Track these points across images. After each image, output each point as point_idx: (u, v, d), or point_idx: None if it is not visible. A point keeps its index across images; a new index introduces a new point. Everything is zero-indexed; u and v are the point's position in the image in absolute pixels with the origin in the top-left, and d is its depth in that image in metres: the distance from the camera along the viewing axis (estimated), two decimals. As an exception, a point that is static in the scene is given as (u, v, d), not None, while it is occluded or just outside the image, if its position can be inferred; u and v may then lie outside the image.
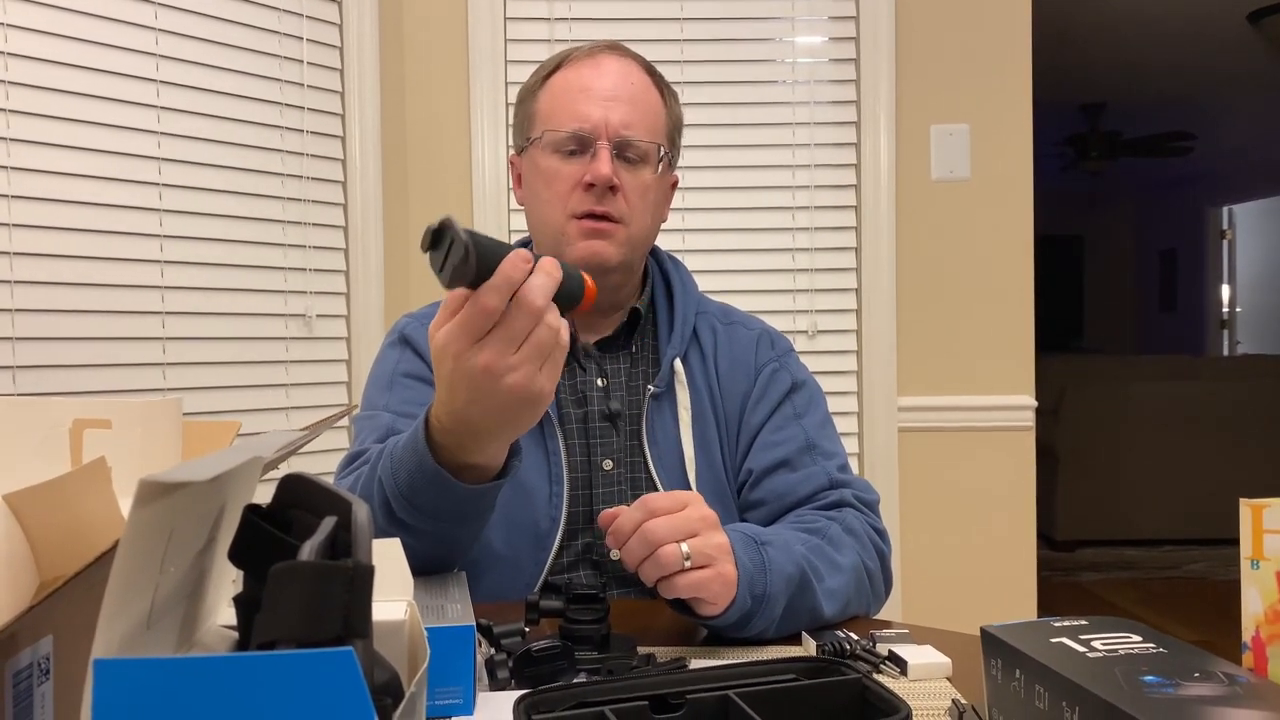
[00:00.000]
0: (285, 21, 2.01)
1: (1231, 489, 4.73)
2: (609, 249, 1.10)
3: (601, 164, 1.07)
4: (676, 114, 1.18)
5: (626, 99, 1.10)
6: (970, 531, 2.31)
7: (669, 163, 1.16)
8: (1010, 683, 0.64)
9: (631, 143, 1.10)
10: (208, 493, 0.42)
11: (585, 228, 1.09)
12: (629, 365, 1.16)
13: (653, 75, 1.16)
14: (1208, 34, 4.87)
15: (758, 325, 1.24)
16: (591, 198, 1.08)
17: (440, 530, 0.92)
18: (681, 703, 0.62)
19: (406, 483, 0.90)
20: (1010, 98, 2.30)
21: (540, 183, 1.12)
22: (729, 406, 1.17)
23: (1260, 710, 0.53)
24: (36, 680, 0.48)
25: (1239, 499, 0.64)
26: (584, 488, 1.11)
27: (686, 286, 1.21)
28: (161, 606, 0.42)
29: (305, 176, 2.05)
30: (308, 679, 0.34)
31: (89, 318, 1.71)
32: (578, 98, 1.10)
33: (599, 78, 1.11)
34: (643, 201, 1.12)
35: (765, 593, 0.88)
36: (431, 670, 0.72)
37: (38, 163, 1.64)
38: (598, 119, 1.09)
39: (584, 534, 1.10)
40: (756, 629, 0.89)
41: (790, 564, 0.91)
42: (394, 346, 1.18)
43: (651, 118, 1.13)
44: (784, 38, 2.30)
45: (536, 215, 1.15)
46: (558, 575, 1.09)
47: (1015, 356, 2.32)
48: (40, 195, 1.64)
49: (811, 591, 0.93)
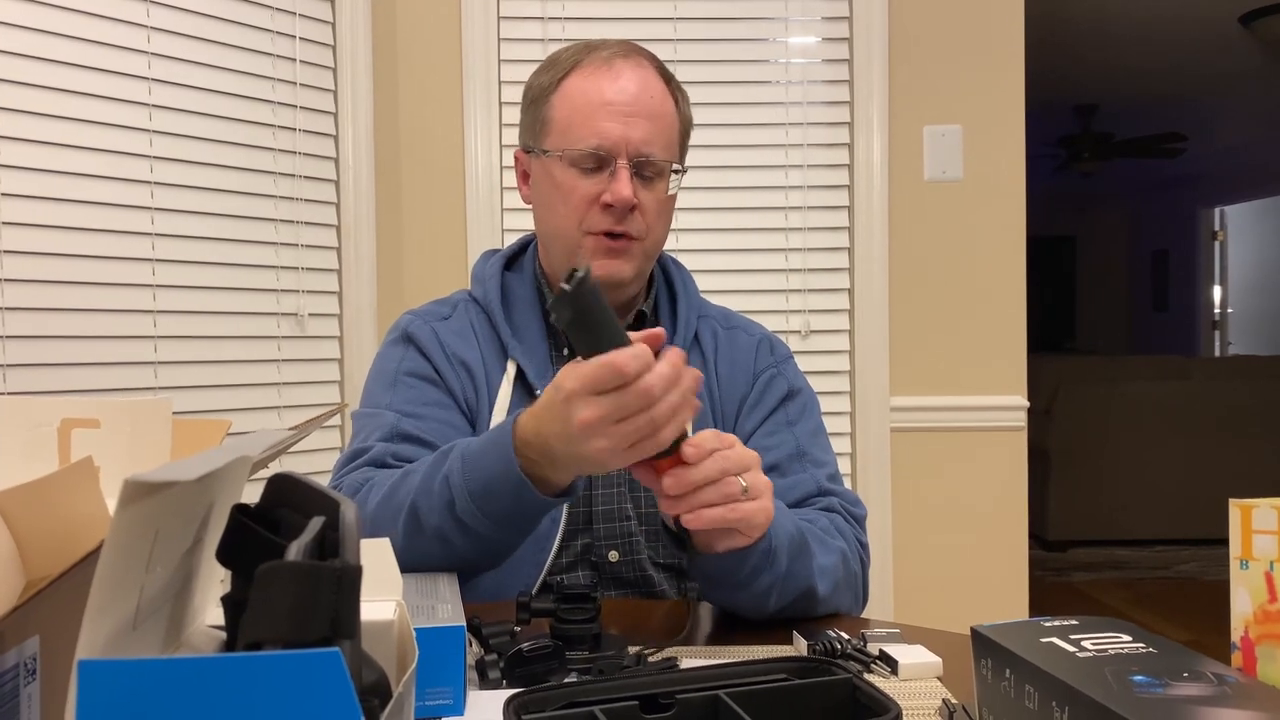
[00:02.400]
0: (278, 20, 2.01)
1: (1223, 489, 4.73)
2: (625, 267, 1.10)
3: (622, 185, 1.07)
4: (687, 115, 1.18)
5: (646, 114, 1.09)
6: (962, 531, 2.31)
7: (681, 175, 1.16)
8: (1000, 682, 0.64)
9: (651, 160, 1.09)
10: (194, 492, 0.42)
11: (603, 246, 1.09)
12: None
13: (666, 79, 1.15)
14: (1200, 36, 4.89)
15: (758, 330, 1.25)
16: (610, 218, 1.08)
17: (496, 536, 0.93)
18: (672, 702, 0.62)
19: (482, 485, 0.90)
20: (1003, 99, 2.31)
21: (556, 196, 1.11)
22: (727, 410, 1.18)
23: (1249, 710, 0.53)
24: (23, 681, 0.48)
25: (1229, 500, 0.65)
26: (583, 488, 1.11)
27: (689, 290, 1.22)
28: (148, 607, 0.41)
29: (298, 175, 2.04)
30: (294, 680, 0.34)
31: (80, 316, 1.70)
32: (597, 112, 1.08)
33: (618, 90, 1.09)
34: (659, 217, 1.12)
35: (771, 546, 0.90)
36: (422, 671, 0.72)
37: (28, 160, 1.63)
38: (617, 137, 1.07)
39: (583, 535, 1.11)
40: (762, 586, 0.91)
41: (791, 525, 0.94)
42: (397, 344, 1.18)
43: (669, 132, 1.12)
44: (777, 38, 2.31)
45: (549, 225, 1.15)
46: (556, 576, 1.10)
47: (1007, 357, 2.32)
48: (31, 193, 1.63)
49: (809, 558, 0.95)
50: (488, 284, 1.19)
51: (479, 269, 1.23)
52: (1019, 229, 2.32)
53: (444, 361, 1.14)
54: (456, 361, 1.14)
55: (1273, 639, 0.61)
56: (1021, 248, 2.33)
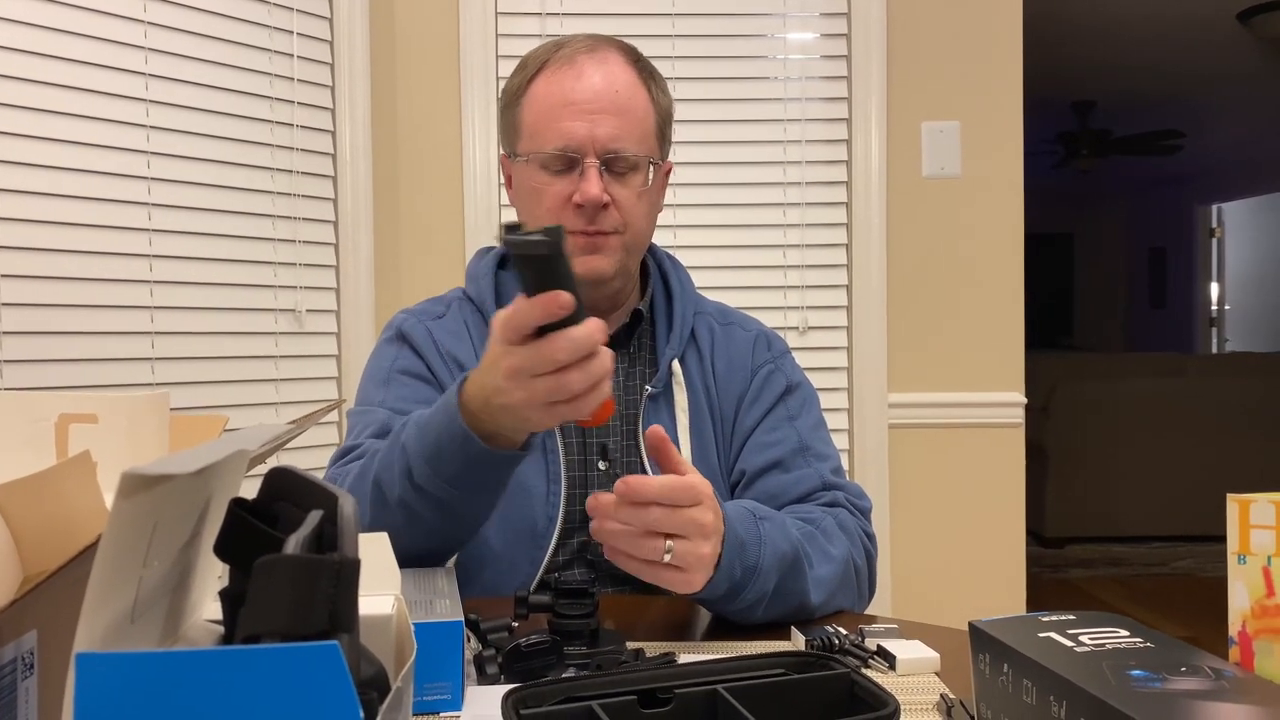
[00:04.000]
0: (275, 15, 2.00)
1: (1219, 486, 4.74)
2: (604, 262, 1.10)
3: (590, 184, 1.06)
4: (665, 105, 1.15)
5: (613, 110, 1.07)
6: (960, 528, 2.31)
7: (659, 168, 1.14)
8: (998, 677, 0.64)
9: (621, 156, 1.08)
10: (192, 486, 0.42)
11: (579, 243, 1.08)
12: (626, 365, 1.17)
13: (638, 67, 1.12)
14: (1198, 33, 4.89)
15: (755, 326, 1.24)
16: (583, 218, 1.07)
17: (455, 500, 0.92)
18: (670, 697, 0.62)
19: (433, 445, 0.90)
20: (1001, 95, 2.31)
21: (532, 198, 1.11)
22: (725, 407, 1.17)
23: (1246, 704, 0.53)
24: (21, 675, 0.48)
25: (1226, 495, 0.65)
26: (580, 487, 1.11)
27: (685, 286, 1.21)
28: (145, 600, 0.41)
29: (295, 171, 2.04)
30: (292, 673, 0.34)
31: (77, 312, 1.70)
32: (561, 113, 1.07)
33: (581, 88, 1.07)
34: (636, 209, 1.11)
35: (758, 565, 0.89)
36: (420, 666, 0.72)
37: (24, 156, 1.63)
38: (583, 136, 1.06)
39: (580, 533, 1.10)
40: (746, 602, 0.90)
41: (785, 543, 0.92)
42: (390, 343, 1.18)
43: (640, 125, 1.10)
44: (775, 34, 2.30)
45: (529, 226, 1.16)
46: (553, 573, 1.09)
47: (1005, 353, 2.32)
48: (27, 189, 1.63)
49: (802, 575, 0.94)
50: (481, 282, 1.19)
51: (473, 267, 1.23)
52: (1017, 226, 2.32)
53: (437, 360, 1.14)
54: (450, 360, 1.14)
55: (1270, 633, 0.61)
56: (1019, 244, 2.33)
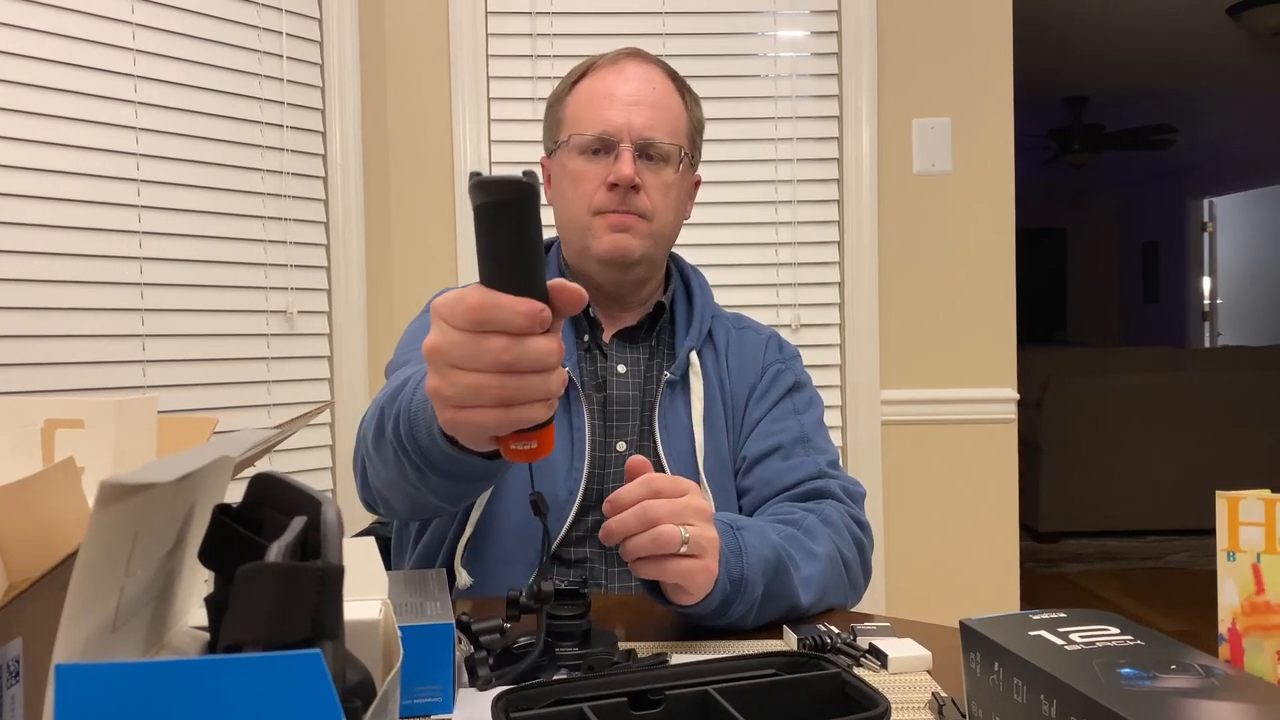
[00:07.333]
0: (264, 16, 1.99)
1: (1213, 480, 4.77)
2: (633, 242, 1.15)
3: (624, 165, 1.13)
4: (697, 117, 1.24)
5: (649, 103, 1.16)
6: (953, 524, 2.31)
7: (690, 163, 1.22)
8: (989, 676, 0.64)
9: (654, 143, 1.15)
10: (174, 493, 0.42)
11: (610, 221, 1.15)
12: (647, 356, 1.23)
13: (675, 80, 1.22)
14: (1189, 28, 4.90)
15: (767, 330, 1.33)
16: (615, 197, 1.14)
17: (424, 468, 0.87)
18: (661, 699, 0.62)
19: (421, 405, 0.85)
20: (992, 91, 2.31)
21: (567, 182, 1.18)
22: (736, 399, 1.23)
23: (1236, 702, 0.53)
24: (6, 683, 0.47)
25: (1216, 493, 0.65)
26: (599, 467, 1.16)
27: (705, 292, 1.29)
28: (128, 609, 0.41)
29: (286, 172, 2.03)
30: (274, 682, 0.34)
31: (67, 315, 1.69)
32: (602, 103, 1.16)
33: (623, 83, 1.17)
34: (665, 199, 1.17)
35: (743, 576, 0.90)
36: (411, 668, 0.72)
37: (12, 158, 1.62)
38: (621, 122, 1.15)
39: (595, 511, 1.13)
40: (736, 614, 0.91)
41: (766, 548, 0.93)
42: (426, 313, 1.24)
43: (673, 120, 1.18)
44: (766, 32, 2.30)
45: (564, 214, 1.20)
46: (567, 549, 1.13)
47: (997, 349, 2.32)
48: (15, 191, 1.62)
49: (788, 578, 0.94)
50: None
51: None
52: (1008, 221, 2.32)
53: None
54: None
55: (1260, 630, 0.61)
56: (1011, 240, 2.33)
